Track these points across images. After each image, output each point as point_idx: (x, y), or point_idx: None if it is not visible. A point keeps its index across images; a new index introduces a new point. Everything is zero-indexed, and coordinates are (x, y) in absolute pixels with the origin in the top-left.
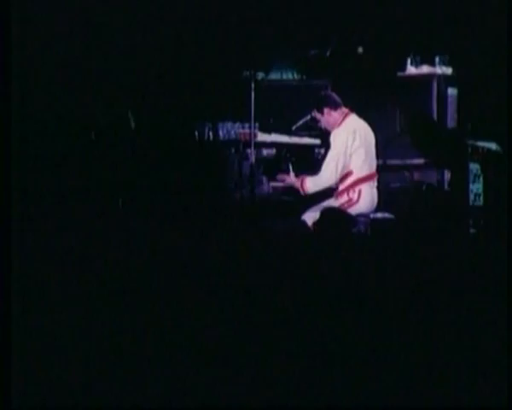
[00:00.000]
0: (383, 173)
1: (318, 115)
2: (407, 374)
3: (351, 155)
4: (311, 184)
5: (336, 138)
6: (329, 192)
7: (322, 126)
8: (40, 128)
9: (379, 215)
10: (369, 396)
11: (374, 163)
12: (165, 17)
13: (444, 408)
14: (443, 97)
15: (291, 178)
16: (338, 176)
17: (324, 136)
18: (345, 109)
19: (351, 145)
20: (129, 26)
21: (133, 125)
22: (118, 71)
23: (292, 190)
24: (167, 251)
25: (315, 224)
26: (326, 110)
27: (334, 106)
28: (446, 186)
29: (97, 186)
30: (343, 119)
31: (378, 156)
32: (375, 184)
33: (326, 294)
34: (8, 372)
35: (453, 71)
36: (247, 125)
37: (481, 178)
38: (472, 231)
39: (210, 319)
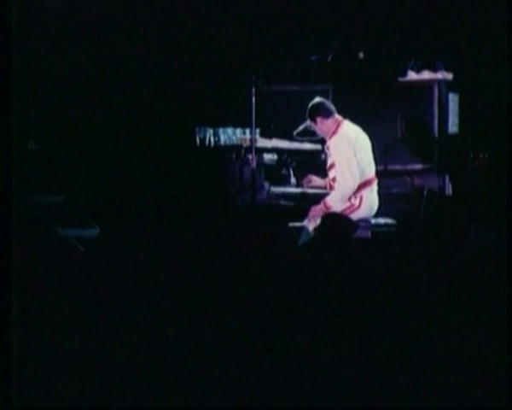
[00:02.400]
0: (384, 179)
1: (312, 124)
2: (408, 375)
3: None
4: (333, 200)
5: (338, 146)
6: None
7: (317, 133)
8: (40, 131)
9: (380, 220)
10: (370, 397)
11: (372, 168)
12: (167, 23)
13: (444, 408)
14: (444, 103)
15: (318, 181)
16: (357, 180)
17: (325, 141)
18: (338, 117)
19: (353, 151)
20: (130, 31)
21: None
22: (118, 76)
23: (297, 196)
24: (168, 256)
25: (316, 229)
26: (319, 119)
27: (327, 114)
28: (447, 191)
29: (98, 191)
30: (337, 127)
31: (377, 161)
32: (376, 189)
33: (327, 299)
34: (8, 372)
35: (454, 76)
36: (248, 130)
37: (481, 183)
38: (472, 235)
39: (211, 323)
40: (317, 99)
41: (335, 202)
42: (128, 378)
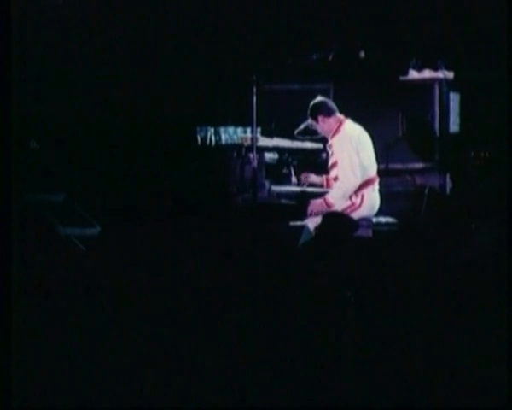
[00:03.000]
0: (385, 177)
1: (314, 123)
2: (408, 375)
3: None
4: (335, 198)
5: (341, 145)
6: None
7: (319, 132)
8: (40, 130)
9: (381, 219)
10: (370, 397)
11: (374, 167)
12: (168, 21)
13: (444, 408)
14: (445, 102)
15: (314, 179)
16: (359, 179)
17: (326, 140)
18: (340, 116)
19: (355, 149)
20: (131, 29)
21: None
22: (119, 75)
23: (297, 194)
24: (169, 254)
25: (317, 228)
26: (320, 118)
27: (328, 113)
28: (448, 190)
29: (99, 189)
30: (339, 125)
31: (379, 160)
32: (377, 187)
33: (328, 298)
34: (8, 372)
35: (455, 75)
36: (249, 129)
37: (482, 182)
38: (473, 234)
39: (211, 321)
40: (319, 98)
41: (336, 199)
42: (128, 378)
